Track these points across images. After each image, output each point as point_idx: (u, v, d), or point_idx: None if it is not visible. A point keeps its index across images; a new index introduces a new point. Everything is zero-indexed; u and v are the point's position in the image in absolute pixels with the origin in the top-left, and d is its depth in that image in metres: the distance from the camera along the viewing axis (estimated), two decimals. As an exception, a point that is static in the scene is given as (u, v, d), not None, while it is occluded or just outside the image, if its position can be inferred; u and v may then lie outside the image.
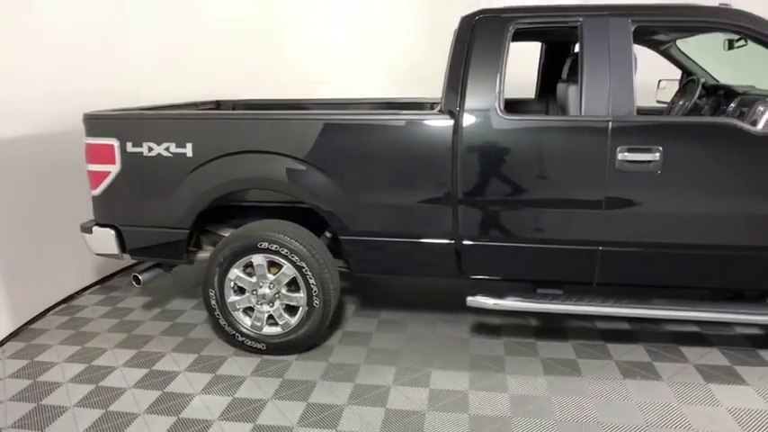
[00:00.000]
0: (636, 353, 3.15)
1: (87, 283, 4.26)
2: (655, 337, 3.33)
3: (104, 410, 2.76)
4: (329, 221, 3.04)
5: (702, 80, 3.49)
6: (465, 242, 2.94)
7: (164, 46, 4.65)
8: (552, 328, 3.48)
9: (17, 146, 3.53)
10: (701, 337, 3.31)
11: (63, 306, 3.97)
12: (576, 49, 2.92)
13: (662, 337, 3.33)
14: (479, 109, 2.80)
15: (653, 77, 3.95)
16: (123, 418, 2.70)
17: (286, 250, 3.03)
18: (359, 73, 5.42)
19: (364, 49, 5.41)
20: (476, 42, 2.85)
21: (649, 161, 2.67)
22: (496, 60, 2.81)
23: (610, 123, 2.69)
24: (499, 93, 2.80)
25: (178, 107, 4.00)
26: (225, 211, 3.47)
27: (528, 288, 3.10)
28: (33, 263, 3.69)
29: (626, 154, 2.68)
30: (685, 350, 3.16)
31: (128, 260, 3.39)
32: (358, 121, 2.95)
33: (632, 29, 2.74)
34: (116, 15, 4.32)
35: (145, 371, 3.12)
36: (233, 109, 4.60)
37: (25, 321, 3.66)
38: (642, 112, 4.08)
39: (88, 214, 3.34)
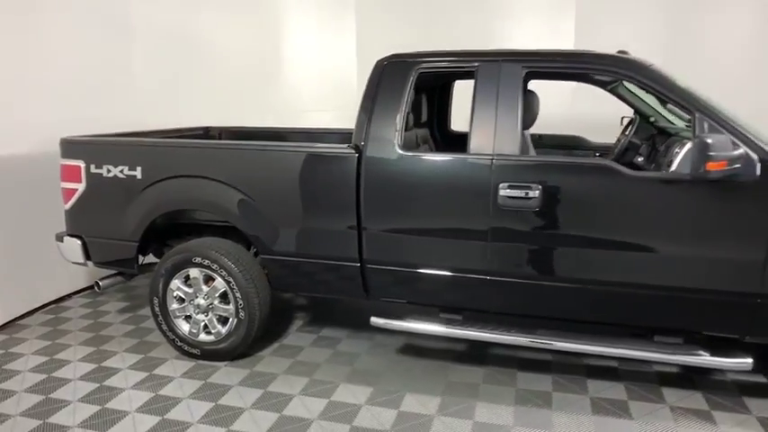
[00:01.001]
0: (614, 390, 3.18)
1: (80, 287, 4.78)
2: (636, 375, 3.32)
3: (45, 396, 3.18)
4: (251, 240, 3.37)
5: (651, 119, 3.57)
6: (369, 266, 3.18)
7: (167, 77, 5.21)
8: (469, 353, 3.62)
9: (25, 164, 4.08)
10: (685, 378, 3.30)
11: (52, 306, 4.51)
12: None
13: (645, 376, 3.32)
14: (380, 144, 3.06)
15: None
16: (57, 404, 3.11)
17: (216, 266, 3.38)
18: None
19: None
20: (383, 83, 3.13)
21: (529, 197, 2.82)
22: (399, 100, 3.07)
23: (493, 161, 2.88)
24: (400, 130, 3.05)
25: (164, 133, 4.47)
26: (186, 228, 3.86)
27: (432, 312, 3.28)
28: (29, 265, 4.23)
29: (507, 190, 2.85)
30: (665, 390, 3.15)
31: (97, 268, 3.85)
32: (273, 150, 3.30)
33: (523, 74, 2.93)
34: (122, 50, 4.91)
35: (94, 365, 3.53)
36: (219, 136, 5.06)
37: (15, 317, 4.20)
38: (596, 148, 4.22)
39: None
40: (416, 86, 3.13)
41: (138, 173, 3.47)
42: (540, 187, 2.81)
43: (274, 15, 5.83)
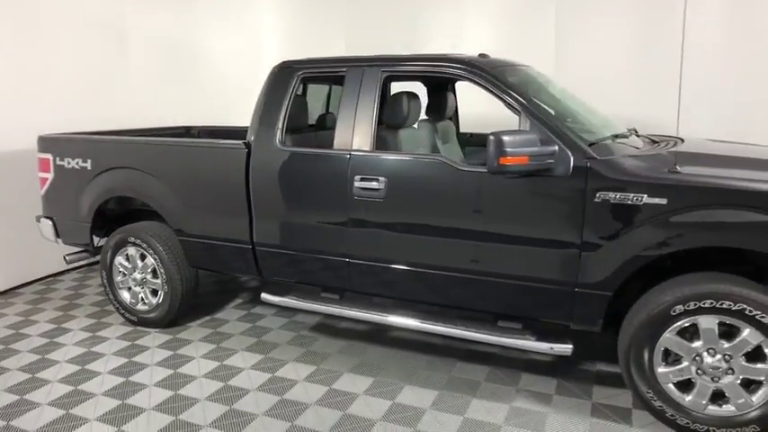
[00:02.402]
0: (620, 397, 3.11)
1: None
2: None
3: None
4: (169, 223, 3.89)
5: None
6: (259, 248, 3.61)
7: (163, 80, 5.90)
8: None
9: (27, 157, 4.86)
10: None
11: (49, 279, 5.30)
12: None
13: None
14: (265, 141, 3.49)
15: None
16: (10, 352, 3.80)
17: (146, 245, 3.94)
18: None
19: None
20: (271, 87, 3.55)
21: (376, 189, 3.14)
22: (282, 101, 3.48)
23: (350, 156, 3.22)
24: (282, 127, 3.46)
25: (146, 132, 5.11)
26: (138, 213, 4.45)
27: (315, 291, 3.65)
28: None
29: (360, 182, 3.18)
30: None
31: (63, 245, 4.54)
32: (179, 145, 3.83)
33: (382, 77, 3.25)
34: (121, 59, 5.65)
35: (53, 326, 4.22)
36: (198, 134, 5.66)
37: (15, 285, 5.00)
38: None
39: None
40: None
41: (88, 164, 4.10)
42: (385, 180, 3.12)
43: (259, 19, 6.41)
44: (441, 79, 4.02)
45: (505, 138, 2.66)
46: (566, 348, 2.92)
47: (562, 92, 3.61)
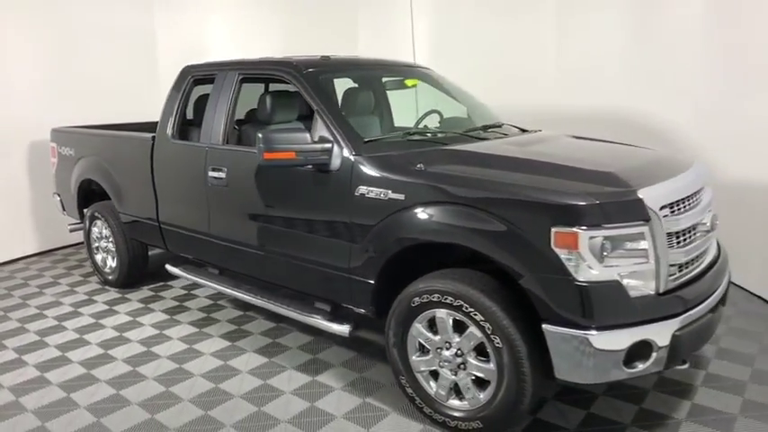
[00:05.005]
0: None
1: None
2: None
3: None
4: (113, 201, 4.69)
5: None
6: (162, 225, 4.25)
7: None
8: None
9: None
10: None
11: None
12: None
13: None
14: (162, 134, 4.11)
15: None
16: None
17: (103, 219, 4.81)
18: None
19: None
20: (173, 86, 4.15)
21: (222, 178, 3.60)
22: (176, 99, 4.08)
23: (206, 150, 3.71)
24: (174, 122, 4.05)
25: (122, 126, 5.85)
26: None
27: (203, 264, 4.20)
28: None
29: (211, 172, 3.66)
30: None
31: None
32: (110, 136, 4.67)
33: (238, 79, 3.69)
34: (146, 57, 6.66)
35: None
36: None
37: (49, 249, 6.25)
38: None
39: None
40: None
41: (73, 152, 5.07)
42: (226, 170, 3.57)
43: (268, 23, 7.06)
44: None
45: (271, 135, 2.96)
46: (342, 330, 3.16)
47: (431, 89, 3.78)
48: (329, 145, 3.01)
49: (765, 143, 4.05)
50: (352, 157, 2.96)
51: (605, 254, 2.30)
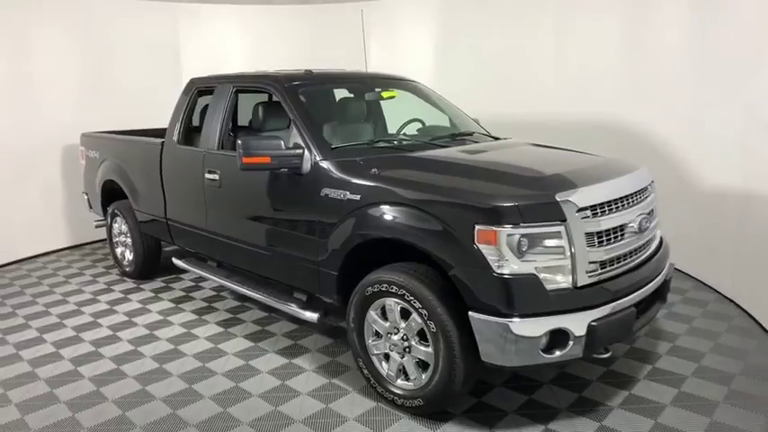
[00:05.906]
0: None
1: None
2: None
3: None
4: (130, 199, 5.18)
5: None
6: (169, 222, 4.70)
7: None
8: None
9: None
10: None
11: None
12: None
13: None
14: (170, 139, 4.56)
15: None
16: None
17: (121, 216, 5.31)
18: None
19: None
20: (181, 96, 4.60)
21: (216, 179, 4.01)
22: (182, 108, 4.52)
23: (204, 154, 4.13)
24: (180, 129, 4.49)
25: (141, 132, 6.41)
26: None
27: (205, 258, 4.62)
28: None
29: (208, 174, 4.08)
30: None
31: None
32: (125, 141, 5.15)
33: (233, 91, 4.10)
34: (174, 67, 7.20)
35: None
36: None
37: (79, 243, 6.83)
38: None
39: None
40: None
41: (97, 155, 5.60)
42: (219, 172, 3.97)
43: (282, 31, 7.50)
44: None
45: (249, 141, 3.34)
46: (312, 317, 3.52)
47: (410, 98, 4.12)
48: (301, 150, 3.37)
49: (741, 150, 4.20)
50: (319, 162, 3.32)
51: (523, 250, 2.58)
